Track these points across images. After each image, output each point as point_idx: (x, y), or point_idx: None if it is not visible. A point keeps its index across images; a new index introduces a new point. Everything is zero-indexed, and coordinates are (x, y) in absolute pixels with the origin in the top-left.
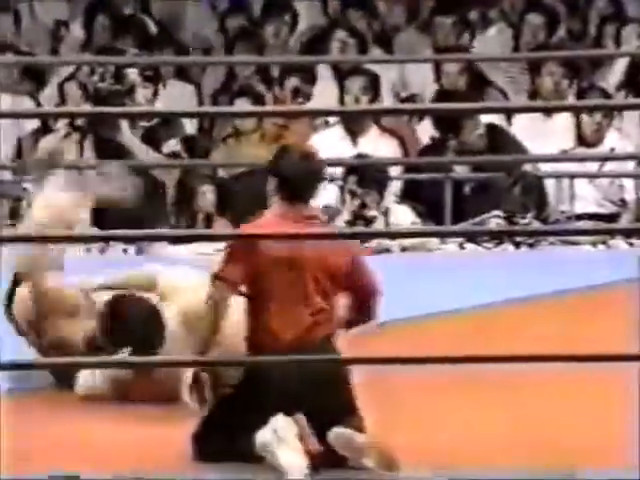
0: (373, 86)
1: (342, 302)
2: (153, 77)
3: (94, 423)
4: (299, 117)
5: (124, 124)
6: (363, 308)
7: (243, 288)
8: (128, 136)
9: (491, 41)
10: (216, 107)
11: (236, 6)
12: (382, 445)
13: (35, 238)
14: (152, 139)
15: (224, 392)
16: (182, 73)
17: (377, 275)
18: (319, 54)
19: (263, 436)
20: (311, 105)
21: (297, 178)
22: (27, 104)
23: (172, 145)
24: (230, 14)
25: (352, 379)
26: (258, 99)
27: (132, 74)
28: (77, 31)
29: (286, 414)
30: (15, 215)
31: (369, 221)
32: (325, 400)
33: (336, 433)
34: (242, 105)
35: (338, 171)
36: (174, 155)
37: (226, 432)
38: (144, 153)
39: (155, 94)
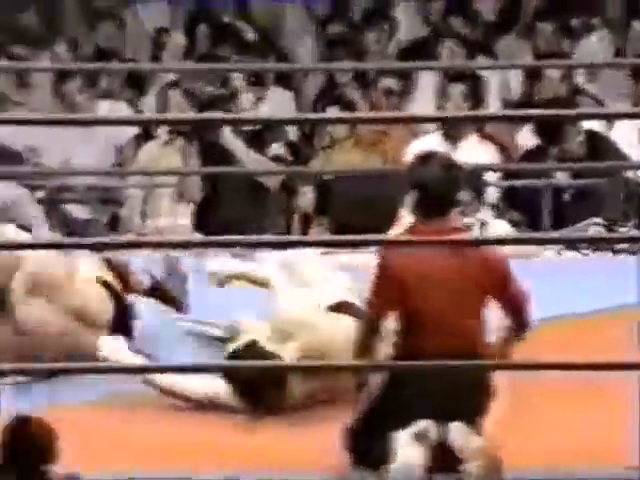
0: (475, 92)
1: (496, 314)
2: (257, 82)
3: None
4: (398, 124)
5: (227, 128)
6: (519, 317)
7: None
8: (231, 140)
9: (592, 47)
10: (314, 114)
11: (336, 13)
12: (494, 452)
13: (141, 244)
14: (257, 142)
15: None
16: (282, 80)
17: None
18: (419, 60)
19: (400, 439)
20: (410, 111)
21: (441, 190)
22: (126, 111)
23: (276, 149)
24: (330, 21)
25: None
26: (349, 106)
27: (236, 79)
28: (179, 38)
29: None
30: (116, 221)
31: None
32: (464, 408)
33: (457, 429)
34: (335, 112)
35: None
36: (278, 159)
37: (367, 435)
38: (248, 156)
39: (259, 99)
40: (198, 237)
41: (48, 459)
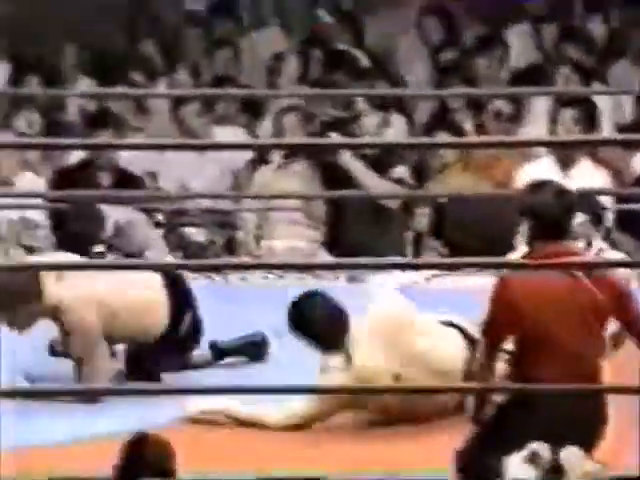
0: (587, 117)
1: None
2: (381, 106)
3: None
4: (510, 148)
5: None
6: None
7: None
8: (351, 162)
9: None
10: (427, 138)
11: (448, 40)
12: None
13: (259, 265)
14: (379, 165)
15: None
16: (395, 105)
17: None
18: (532, 86)
19: (513, 461)
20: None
21: (554, 216)
22: (242, 136)
23: (400, 172)
24: (442, 47)
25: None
26: (460, 131)
27: (360, 103)
28: (293, 64)
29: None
30: (233, 244)
31: None
32: (580, 434)
33: (571, 452)
34: (447, 137)
35: None
36: (400, 181)
37: (480, 455)
38: (369, 179)
39: (382, 124)
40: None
41: (167, 474)
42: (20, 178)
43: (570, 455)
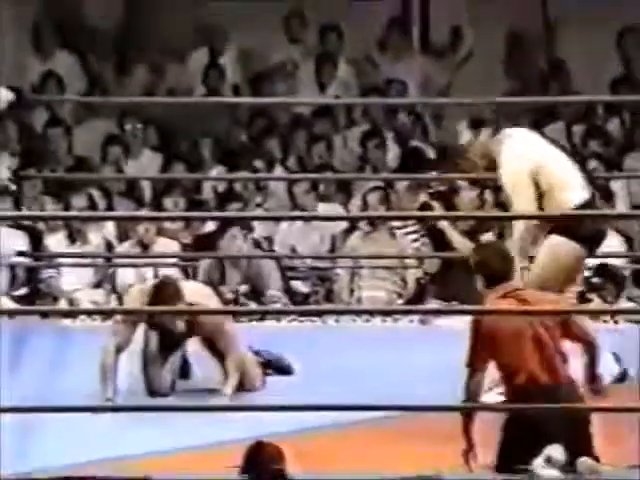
0: (607, 196)
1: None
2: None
3: None
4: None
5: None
6: (590, 350)
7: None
8: (448, 229)
9: None
10: None
11: None
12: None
13: (354, 311)
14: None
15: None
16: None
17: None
18: None
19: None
20: None
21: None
22: (338, 210)
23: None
24: None
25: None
26: None
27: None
28: (376, 155)
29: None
30: (330, 294)
31: None
32: (574, 434)
33: (586, 463)
34: None
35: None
36: None
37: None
38: (463, 244)
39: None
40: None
41: (281, 476)
42: (158, 242)
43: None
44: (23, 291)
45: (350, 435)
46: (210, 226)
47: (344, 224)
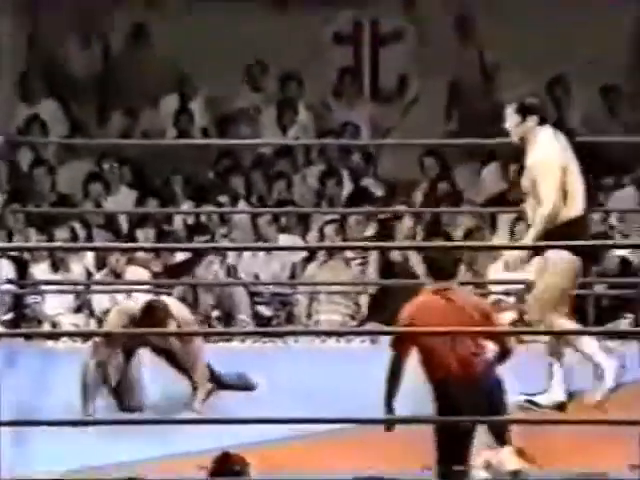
0: None
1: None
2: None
3: None
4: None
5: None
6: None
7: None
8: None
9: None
10: None
11: (441, 175)
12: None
13: (313, 332)
14: None
15: None
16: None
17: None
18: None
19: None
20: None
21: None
22: (298, 242)
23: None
24: (438, 179)
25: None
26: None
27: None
28: (333, 190)
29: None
30: (291, 317)
31: None
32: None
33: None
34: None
35: None
36: None
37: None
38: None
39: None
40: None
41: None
42: (128, 271)
43: (504, 454)
44: (10, 316)
45: (309, 445)
46: (180, 256)
47: (303, 253)
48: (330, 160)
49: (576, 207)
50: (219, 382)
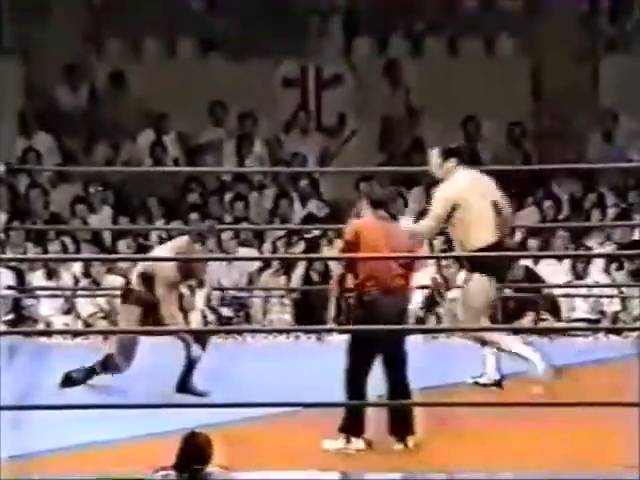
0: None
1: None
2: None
3: None
4: None
5: None
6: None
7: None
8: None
9: None
10: None
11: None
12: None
13: (270, 330)
14: None
15: None
16: None
17: None
18: None
19: None
20: None
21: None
22: (254, 253)
23: None
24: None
25: None
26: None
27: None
28: (284, 210)
29: None
30: (249, 316)
31: None
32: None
33: None
34: None
35: None
36: None
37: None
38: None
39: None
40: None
41: (208, 461)
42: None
43: None
44: (10, 317)
45: (261, 426)
46: None
47: (259, 263)
48: (281, 184)
49: (483, 237)
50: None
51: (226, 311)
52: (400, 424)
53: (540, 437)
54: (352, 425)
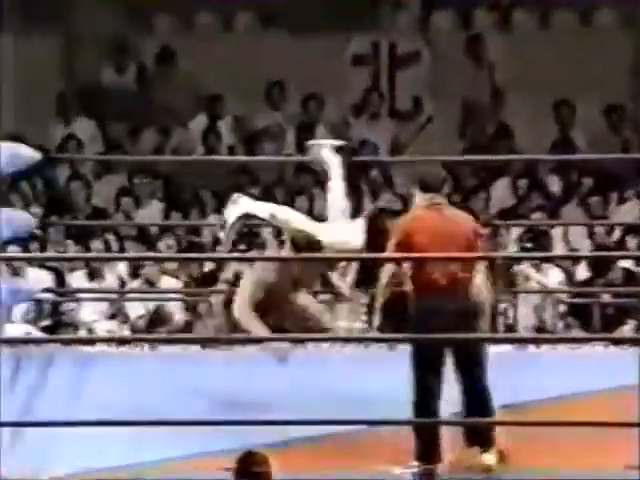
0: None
1: None
2: None
3: None
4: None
5: None
6: None
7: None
8: None
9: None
10: None
11: (454, 187)
12: None
13: None
14: None
15: None
16: None
17: None
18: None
19: None
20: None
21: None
22: None
23: None
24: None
25: None
26: None
27: None
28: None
29: None
30: None
31: None
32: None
33: None
34: None
35: None
36: None
37: None
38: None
39: None
40: None
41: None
42: (162, 280)
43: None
44: (48, 322)
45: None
46: (209, 265)
47: None
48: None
49: None
50: None
51: None
52: (480, 434)
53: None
54: (428, 451)
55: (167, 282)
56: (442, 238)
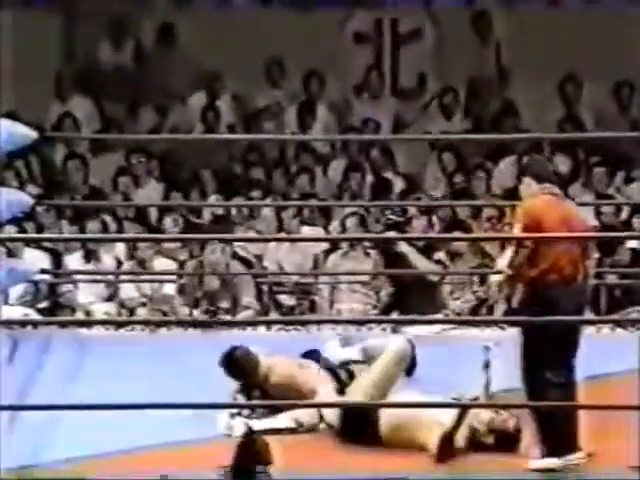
0: None
1: None
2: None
3: None
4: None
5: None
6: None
7: None
8: (406, 249)
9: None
10: None
11: (458, 167)
12: None
13: (335, 320)
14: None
15: None
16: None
17: None
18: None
19: None
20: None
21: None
22: (321, 232)
23: (439, 256)
24: (454, 173)
25: None
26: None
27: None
28: (353, 183)
29: None
30: (314, 305)
31: None
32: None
33: None
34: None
35: None
36: (439, 262)
37: None
38: (419, 260)
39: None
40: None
41: (266, 463)
42: (157, 261)
43: None
44: (45, 304)
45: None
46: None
47: (325, 245)
48: (351, 155)
49: None
50: None
51: (289, 300)
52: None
53: None
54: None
55: (161, 264)
56: (569, 226)
